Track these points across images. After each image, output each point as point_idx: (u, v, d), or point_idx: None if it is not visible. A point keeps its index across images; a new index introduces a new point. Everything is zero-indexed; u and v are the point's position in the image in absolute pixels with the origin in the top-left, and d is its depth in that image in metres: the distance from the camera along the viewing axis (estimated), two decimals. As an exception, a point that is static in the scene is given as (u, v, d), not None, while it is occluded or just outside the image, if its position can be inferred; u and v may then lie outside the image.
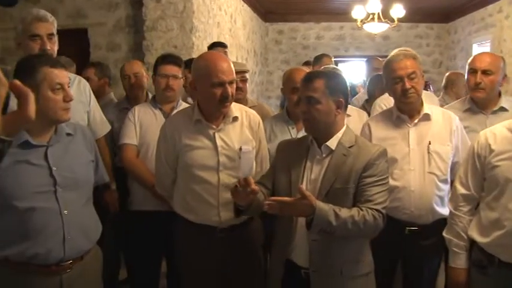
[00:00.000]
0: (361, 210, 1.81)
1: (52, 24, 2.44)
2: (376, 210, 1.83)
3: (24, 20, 2.39)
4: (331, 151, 1.92)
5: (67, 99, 1.87)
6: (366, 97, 4.09)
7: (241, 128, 2.24)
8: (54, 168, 1.85)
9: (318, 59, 4.46)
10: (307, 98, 1.91)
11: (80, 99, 2.61)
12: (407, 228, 2.31)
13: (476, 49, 7.62)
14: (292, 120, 2.75)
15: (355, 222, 1.78)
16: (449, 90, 4.24)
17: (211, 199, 2.17)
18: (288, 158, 2.01)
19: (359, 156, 1.88)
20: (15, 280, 1.83)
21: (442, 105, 3.19)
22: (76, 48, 4.46)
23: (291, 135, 2.68)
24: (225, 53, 2.73)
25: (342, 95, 1.92)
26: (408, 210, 2.29)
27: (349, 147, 1.91)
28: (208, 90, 2.11)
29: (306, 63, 4.99)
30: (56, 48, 2.46)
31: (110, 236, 2.56)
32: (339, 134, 1.94)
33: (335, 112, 1.91)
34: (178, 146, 2.20)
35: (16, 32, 2.46)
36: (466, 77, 2.79)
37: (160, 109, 2.79)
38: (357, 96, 4.63)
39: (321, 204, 1.75)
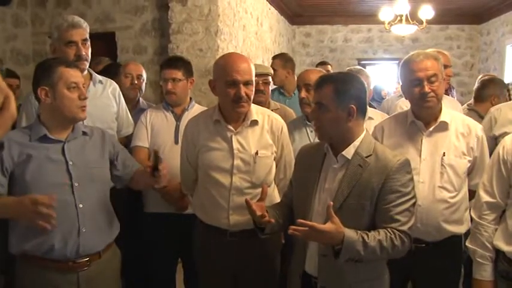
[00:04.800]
0: (389, 232, 1.69)
1: (85, 30, 2.54)
2: (404, 231, 1.71)
3: (59, 27, 2.49)
4: (347, 160, 1.79)
5: (82, 97, 1.95)
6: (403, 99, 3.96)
7: (261, 132, 2.21)
8: (70, 163, 1.93)
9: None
10: (317, 104, 1.80)
11: (110, 101, 2.70)
12: (413, 244, 2.07)
13: (510, 51, 7.42)
14: (310, 123, 2.68)
15: (384, 248, 1.68)
16: None
17: (222, 201, 2.16)
18: (305, 165, 1.93)
19: (376, 171, 1.73)
20: (34, 275, 1.89)
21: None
22: (104, 51, 4.54)
23: (309, 138, 2.65)
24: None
25: (355, 101, 1.75)
26: (413, 226, 1.97)
27: (367, 156, 1.76)
28: (223, 90, 2.11)
29: (322, 64, 4.92)
30: (89, 52, 2.55)
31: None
32: (356, 142, 1.79)
33: (346, 120, 1.76)
34: (198, 146, 2.21)
35: (52, 38, 2.55)
36: None
37: (172, 111, 2.81)
38: (388, 98, 4.52)
39: (349, 233, 1.64)
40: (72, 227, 1.89)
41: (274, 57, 4.29)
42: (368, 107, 3.04)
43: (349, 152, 1.79)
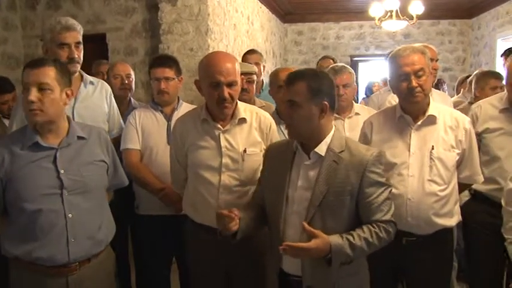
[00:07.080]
0: (373, 227, 1.76)
1: (79, 33, 2.53)
2: (387, 221, 1.79)
3: (53, 29, 2.47)
4: (320, 157, 1.80)
5: (28, 99, 1.81)
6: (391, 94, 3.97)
7: (249, 130, 2.22)
8: (61, 171, 1.88)
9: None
10: (289, 102, 1.79)
11: (101, 102, 2.70)
12: (404, 238, 2.14)
13: (500, 44, 7.45)
14: (283, 120, 2.66)
15: (371, 244, 1.74)
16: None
17: (211, 200, 2.16)
18: (274, 164, 1.93)
19: (352, 166, 1.77)
20: (25, 278, 1.88)
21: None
22: (95, 53, 4.55)
23: (284, 135, 2.63)
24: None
25: (327, 98, 1.78)
26: (404, 220, 2.09)
27: (340, 152, 1.79)
28: (208, 91, 2.12)
29: (324, 58, 4.90)
30: (81, 55, 2.54)
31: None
32: (328, 139, 1.81)
33: (319, 116, 1.78)
34: (186, 145, 2.22)
35: (44, 39, 2.53)
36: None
37: (161, 111, 2.80)
38: (377, 93, 4.53)
39: (335, 240, 1.69)
40: (60, 237, 1.86)
41: (252, 53, 4.05)
42: (354, 102, 3.09)
43: (321, 149, 1.81)
